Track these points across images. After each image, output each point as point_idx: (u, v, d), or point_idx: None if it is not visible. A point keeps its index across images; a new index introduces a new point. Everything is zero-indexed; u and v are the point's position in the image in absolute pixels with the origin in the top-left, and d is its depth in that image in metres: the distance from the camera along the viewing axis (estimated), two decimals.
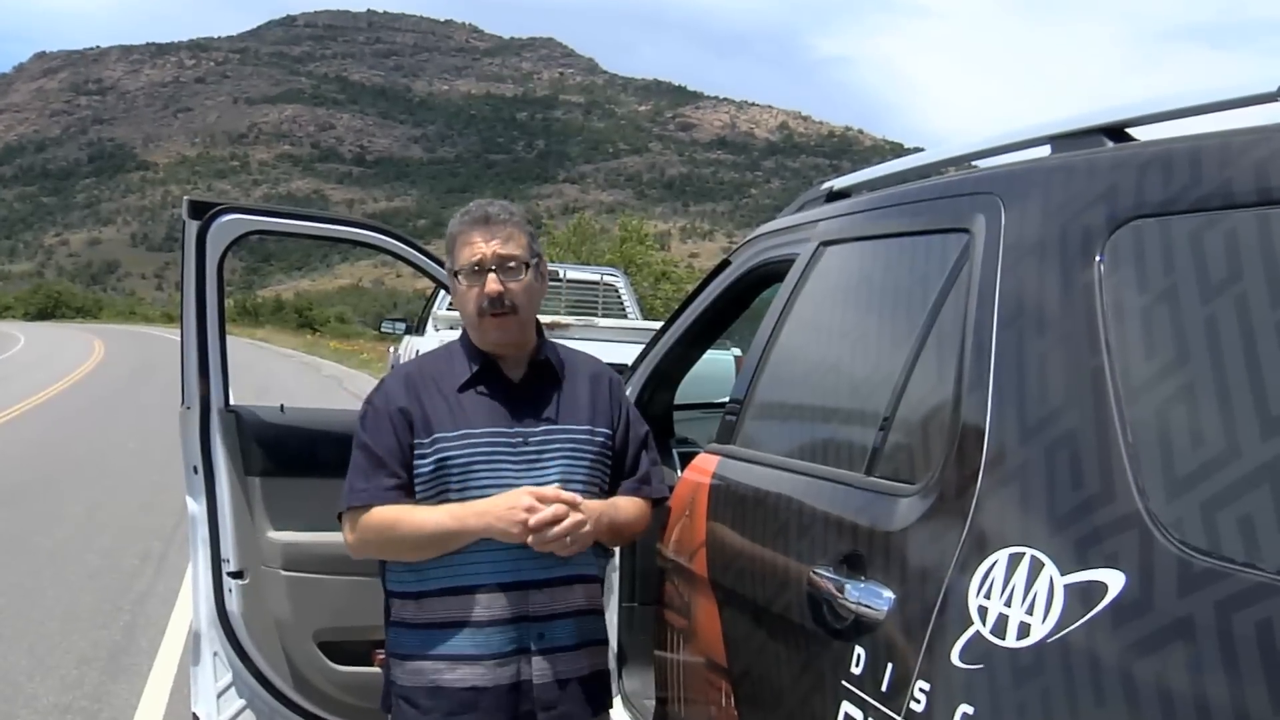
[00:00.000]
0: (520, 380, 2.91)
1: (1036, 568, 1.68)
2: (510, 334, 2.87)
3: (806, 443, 2.76)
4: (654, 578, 3.34)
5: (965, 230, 2.19)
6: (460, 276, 2.86)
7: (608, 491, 2.96)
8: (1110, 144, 2.01)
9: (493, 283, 2.82)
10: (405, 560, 2.83)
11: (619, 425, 3.02)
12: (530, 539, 2.70)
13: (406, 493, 2.81)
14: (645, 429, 3.13)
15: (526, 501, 2.70)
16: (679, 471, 3.86)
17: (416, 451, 2.81)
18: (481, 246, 2.84)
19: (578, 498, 2.76)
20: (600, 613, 3.01)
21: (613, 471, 2.98)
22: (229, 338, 3.95)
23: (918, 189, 2.58)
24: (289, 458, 3.96)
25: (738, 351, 9.39)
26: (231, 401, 3.93)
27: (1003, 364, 1.91)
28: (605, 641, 3.03)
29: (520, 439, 2.81)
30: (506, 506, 2.71)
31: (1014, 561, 1.72)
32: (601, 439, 2.95)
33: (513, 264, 2.85)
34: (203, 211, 3.75)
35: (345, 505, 2.84)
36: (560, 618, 2.85)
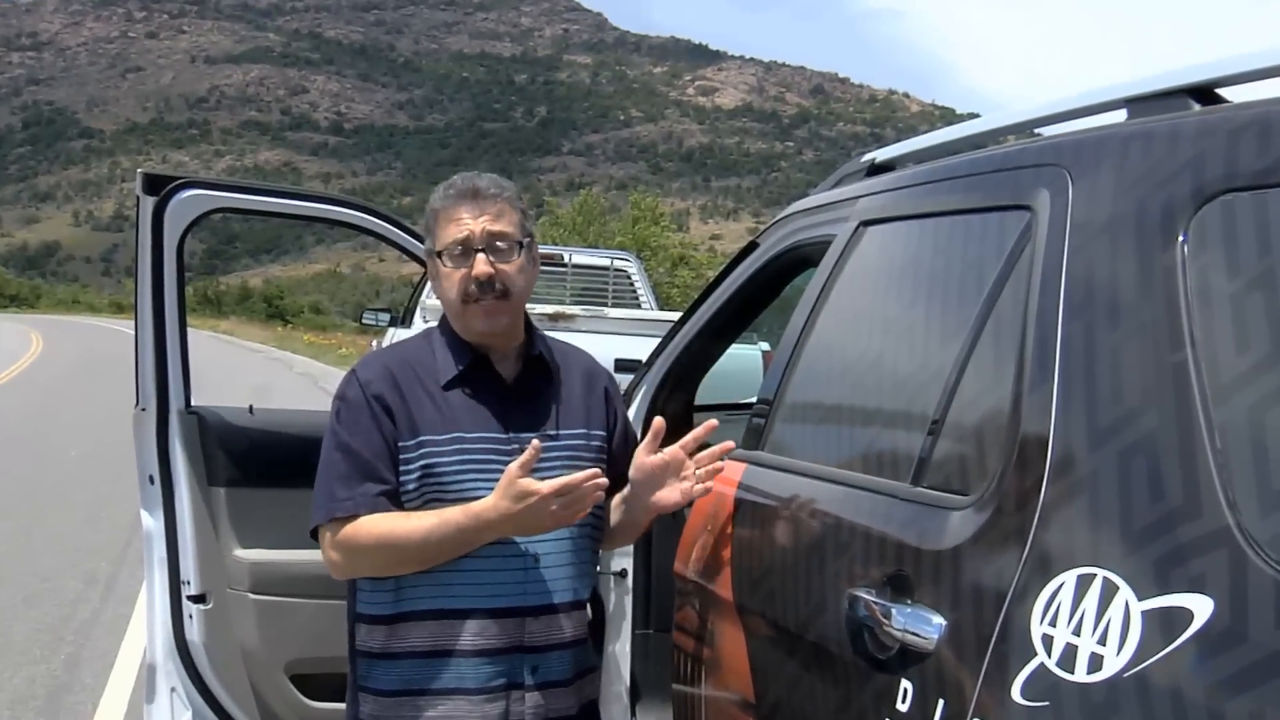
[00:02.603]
0: (513, 379, 2.91)
1: (1110, 591, 1.67)
2: (499, 323, 2.85)
3: (845, 448, 2.76)
4: (671, 601, 3.35)
5: (1026, 207, 2.18)
6: (444, 257, 2.85)
7: (605, 498, 2.97)
8: (1197, 106, 2.00)
9: (482, 264, 2.80)
10: (400, 573, 2.79)
11: (615, 427, 3.05)
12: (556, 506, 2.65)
13: (395, 500, 2.77)
14: (635, 432, 3.19)
15: (542, 490, 2.63)
16: None
17: (401, 455, 2.78)
18: (469, 223, 2.83)
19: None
20: (592, 639, 3.03)
21: (608, 475, 2.99)
22: (189, 330, 3.96)
23: (972, 161, 2.58)
24: (258, 466, 3.97)
25: (765, 346, 9.41)
26: (193, 402, 3.94)
27: (1070, 359, 1.91)
28: (597, 668, 3.05)
29: (516, 446, 2.79)
30: (515, 494, 2.64)
31: (1083, 584, 1.72)
32: (598, 443, 2.97)
33: (503, 243, 2.84)
34: (160, 186, 3.76)
35: (325, 517, 2.78)
36: (556, 648, 2.85)
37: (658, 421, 2.82)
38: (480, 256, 2.81)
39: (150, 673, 3.91)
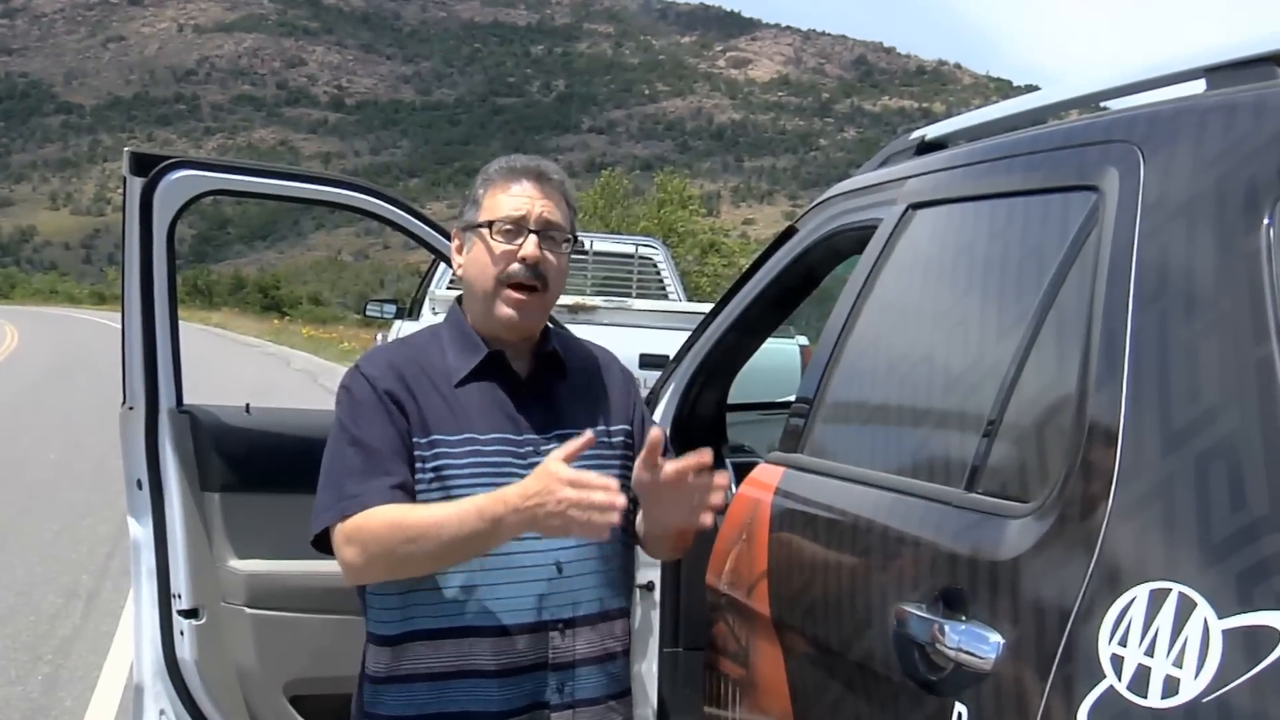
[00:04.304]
0: (527, 376, 2.92)
1: (1186, 608, 1.67)
2: (531, 316, 2.86)
3: (892, 451, 2.76)
4: (703, 617, 3.35)
5: (1093, 188, 2.18)
6: (493, 230, 2.84)
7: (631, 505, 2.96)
8: None
9: (533, 245, 2.82)
10: (416, 571, 2.75)
11: (635, 423, 3.04)
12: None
13: (411, 495, 2.76)
14: (661, 429, 3.17)
15: (563, 474, 2.53)
16: (733, 486, 3.86)
17: (415, 453, 2.78)
18: (529, 202, 2.85)
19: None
20: (627, 654, 3.02)
21: (632, 476, 2.98)
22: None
23: (1032, 138, 2.57)
24: (256, 469, 3.98)
25: (804, 340, 9.40)
26: (185, 401, 3.95)
27: (1141, 354, 1.90)
28: (629, 691, 3.04)
29: (530, 447, 2.81)
30: (538, 472, 2.56)
31: (1156, 600, 1.71)
32: (620, 440, 2.97)
33: (555, 233, 2.87)
34: (149, 167, 3.77)
35: (337, 515, 2.74)
36: (585, 664, 2.84)
37: (654, 434, 2.72)
38: (533, 238, 2.82)
39: (137, 694, 3.93)
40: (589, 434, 2.65)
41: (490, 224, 2.85)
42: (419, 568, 2.75)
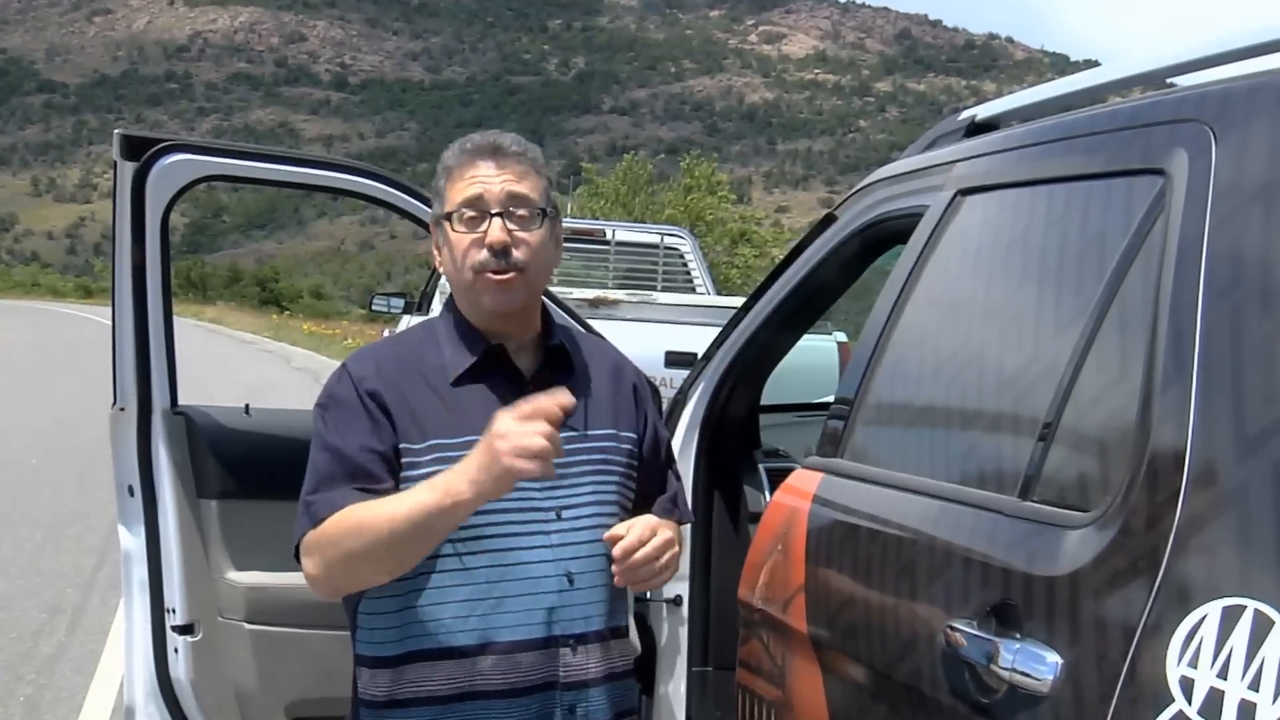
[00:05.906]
0: (531, 374, 2.91)
1: (1263, 627, 1.66)
2: (513, 299, 2.84)
3: (940, 456, 2.76)
4: (735, 634, 3.35)
5: (1159, 171, 2.17)
6: (453, 220, 2.84)
7: (632, 511, 2.95)
8: None
9: (498, 229, 2.79)
10: (383, 575, 2.74)
11: (645, 430, 3.04)
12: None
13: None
14: (668, 436, 3.21)
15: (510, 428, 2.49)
16: (767, 493, 3.86)
17: (405, 459, 2.78)
18: (486, 181, 2.83)
19: None
20: (632, 674, 3.03)
21: (636, 486, 3.00)
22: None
23: (1091, 118, 2.57)
24: (255, 475, 3.99)
25: (842, 336, 9.40)
26: (179, 402, 3.96)
27: (1212, 351, 1.89)
28: (636, 712, 3.04)
29: None
30: (489, 446, 2.51)
31: (1230, 617, 1.70)
32: (628, 446, 2.97)
33: (524, 209, 2.84)
34: (141, 150, 3.78)
35: (307, 526, 2.76)
36: (596, 684, 2.85)
37: (612, 534, 2.72)
38: (496, 221, 2.80)
39: (128, 716, 3.94)
40: (566, 400, 2.57)
41: (450, 215, 2.85)
42: (378, 564, 2.72)
